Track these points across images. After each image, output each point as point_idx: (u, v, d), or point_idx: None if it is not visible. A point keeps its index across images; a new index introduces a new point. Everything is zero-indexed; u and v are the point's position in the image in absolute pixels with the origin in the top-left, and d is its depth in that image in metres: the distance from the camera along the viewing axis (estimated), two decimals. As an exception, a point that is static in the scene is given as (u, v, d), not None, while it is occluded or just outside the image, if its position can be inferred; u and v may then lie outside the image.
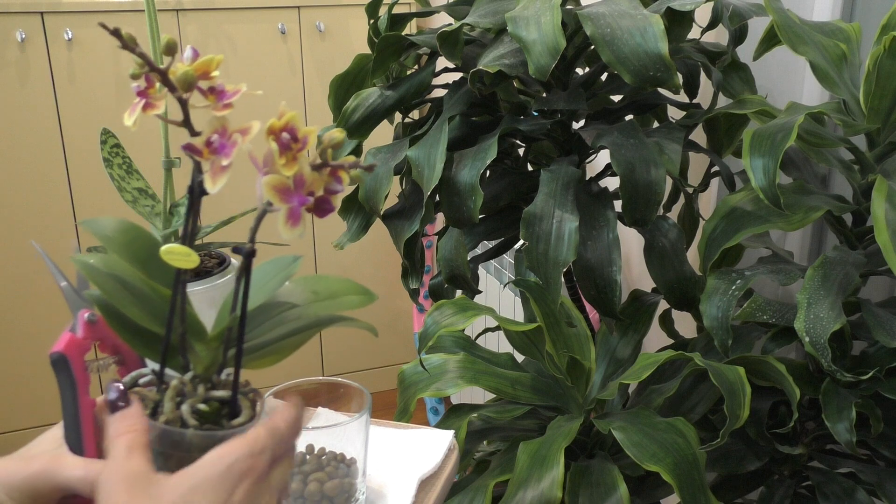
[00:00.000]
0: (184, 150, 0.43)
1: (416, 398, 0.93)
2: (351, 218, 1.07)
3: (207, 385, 0.46)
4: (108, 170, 0.80)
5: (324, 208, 0.43)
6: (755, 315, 0.85)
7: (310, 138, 0.42)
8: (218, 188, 0.41)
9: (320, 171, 0.42)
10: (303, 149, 0.42)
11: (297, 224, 0.42)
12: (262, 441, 0.43)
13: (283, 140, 0.41)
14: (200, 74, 0.44)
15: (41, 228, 2.13)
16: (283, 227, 0.41)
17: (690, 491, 0.75)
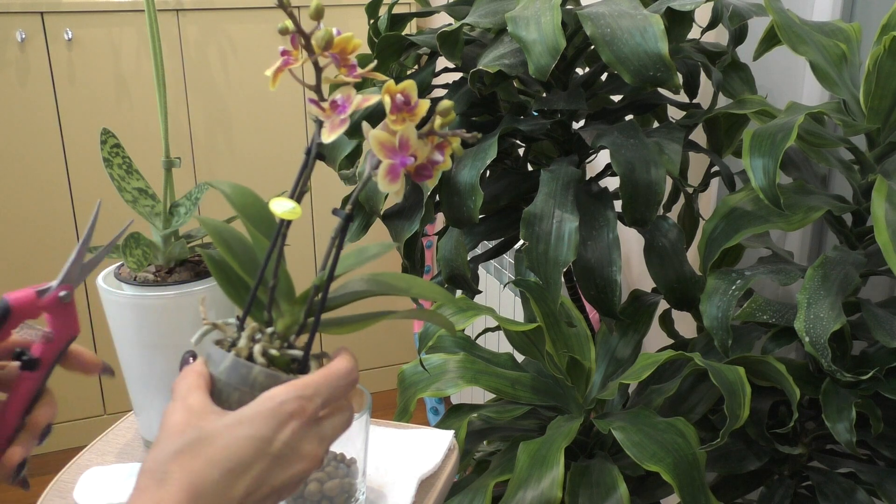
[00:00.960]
0: (310, 102, 0.47)
1: (416, 398, 0.93)
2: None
3: (284, 344, 0.49)
4: (108, 170, 0.80)
5: (422, 174, 0.46)
6: (755, 315, 0.85)
7: (420, 107, 0.45)
8: (332, 139, 0.45)
9: (426, 138, 0.46)
10: (412, 112, 0.45)
11: (395, 180, 0.45)
12: (314, 385, 0.45)
13: (397, 101, 0.45)
14: (339, 47, 0.48)
15: (41, 228, 2.13)
16: (381, 181, 0.45)
17: (690, 491, 0.75)
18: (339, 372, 0.46)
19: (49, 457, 2.32)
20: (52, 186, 2.12)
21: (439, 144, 0.47)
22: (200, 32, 2.15)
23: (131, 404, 0.82)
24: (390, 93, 0.45)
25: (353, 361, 0.47)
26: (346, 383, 0.46)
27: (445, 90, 1.01)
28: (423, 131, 0.46)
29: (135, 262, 0.76)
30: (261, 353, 0.47)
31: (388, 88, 0.45)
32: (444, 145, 0.47)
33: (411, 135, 0.45)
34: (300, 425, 0.44)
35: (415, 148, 0.46)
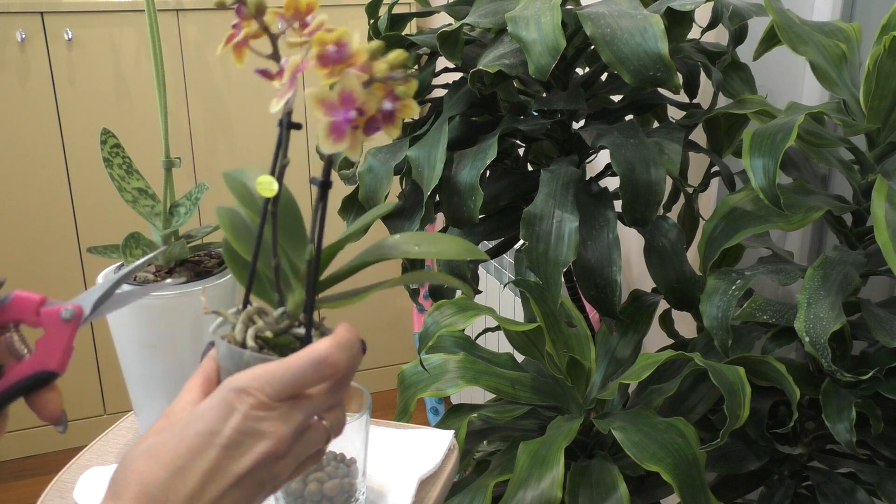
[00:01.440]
0: (257, 72, 0.44)
1: (416, 398, 0.93)
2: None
3: (295, 322, 0.48)
4: (108, 170, 0.80)
5: (372, 126, 0.42)
6: (755, 315, 0.85)
7: (358, 53, 0.41)
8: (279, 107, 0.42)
9: (370, 88, 0.41)
10: (347, 63, 0.41)
11: (340, 139, 0.41)
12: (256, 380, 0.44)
13: (328, 52, 0.41)
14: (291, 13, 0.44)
15: (41, 228, 2.13)
16: (323, 141, 0.41)
17: (690, 491, 0.75)
18: (303, 361, 0.44)
19: (49, 457, 2.32)
20: (52, 186, 2.12)
21: (390, 92, 0.42)
22: (200, 32, 2.15)
23: (131, 404, 0.82)
24: (322, 43, 0.41)
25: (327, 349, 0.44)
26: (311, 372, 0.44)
27: (445, 90, 1.01)
28: (367, 81, 0.41)
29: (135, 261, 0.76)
30: (252, 337, 0.46)
31: (319, 39, 0.41)
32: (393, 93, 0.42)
33: (354, 86, 0.41)
34: (251, 408, 0.43)
35: (361, 100, 0.41)
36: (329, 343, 0.44)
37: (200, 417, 0.43)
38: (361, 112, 0.41)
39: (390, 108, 0.42)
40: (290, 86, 0.42)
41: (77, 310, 0.47)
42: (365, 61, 0.41)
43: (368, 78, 0.41)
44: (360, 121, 0.41)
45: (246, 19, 0.44)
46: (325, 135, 0.41)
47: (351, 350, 0.45)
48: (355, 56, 0.41)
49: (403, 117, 0.43)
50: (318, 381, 0.44)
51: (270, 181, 0.44)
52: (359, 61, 0.41)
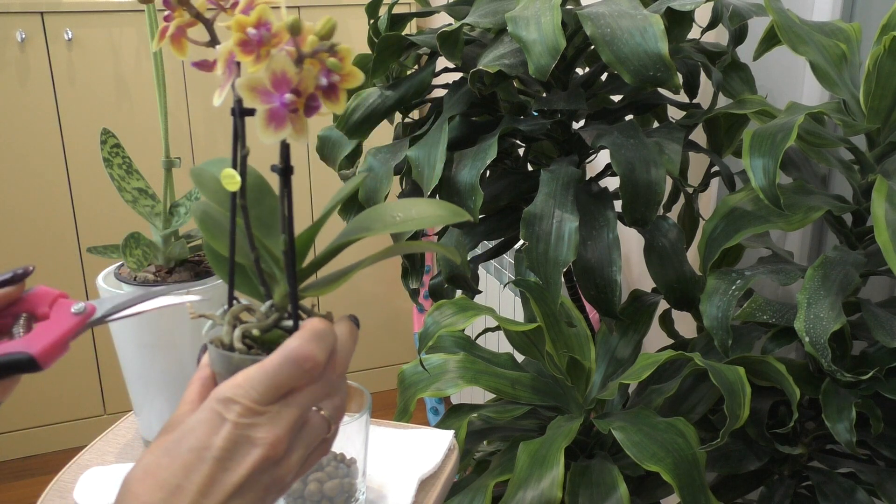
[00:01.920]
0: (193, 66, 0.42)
1: (416, 398, 0.93)
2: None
3: (284, 315, 0.46)
4: (108, 170, 0.80)
5: (312, 106, 0.39)
6: (755, 315, 0.85)
7: (281, 32, 0.38)
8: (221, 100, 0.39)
9: (302, 65, 0.38)
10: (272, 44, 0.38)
11: (281, 126, 0.38)
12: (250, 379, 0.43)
13: (250, 36, 0.38)
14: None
15: (41, 228, 2.13)
16: (262, 131, 0.38)
17: (690, 491, 0.75)
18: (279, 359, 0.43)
19: (49, 457, 2.32)
20: (52, 186, 2.12)
21: (323, 67, 0.39)
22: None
23: (131, 404, 0.82)
24: (242, 27, 0.38)
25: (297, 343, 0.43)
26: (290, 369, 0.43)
27: (445, 90, 1.01)
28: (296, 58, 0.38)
29: (135, 262, 0.76)
30: (239, 339, 0.45)
31: (238, 23, 0.38)
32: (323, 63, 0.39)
33: (284, 66, 0.38)
34: (239, 416, 0.42)
35: (295, 80, 0.38)
36: (298, 336, 0.44)
37: (191, 432, 0.43)
38: (298, 93, 0.38)
39: (328, 83, 0.39)
40: (229, 74, 0.39)
41: (90, 308, 0.46)
42: (290, 38, 0.38)
43: (298, 55, 0.38)
44: (299, 102, 0.39)
45: (175, 9, 0.41)
46: (265, 124, 0.38)
47: (324, 339, 0.44)
48: (279, 35, 0.38)
49: (347, 87, 0.40)
50: (299, 376, 0.44)
51: (233, 174, 0.42)
52: (284, 40, 0.38)
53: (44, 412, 2.27)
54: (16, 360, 0.44)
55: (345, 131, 1.02)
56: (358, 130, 1.02)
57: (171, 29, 0.42)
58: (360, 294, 2.47)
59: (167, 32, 0.42)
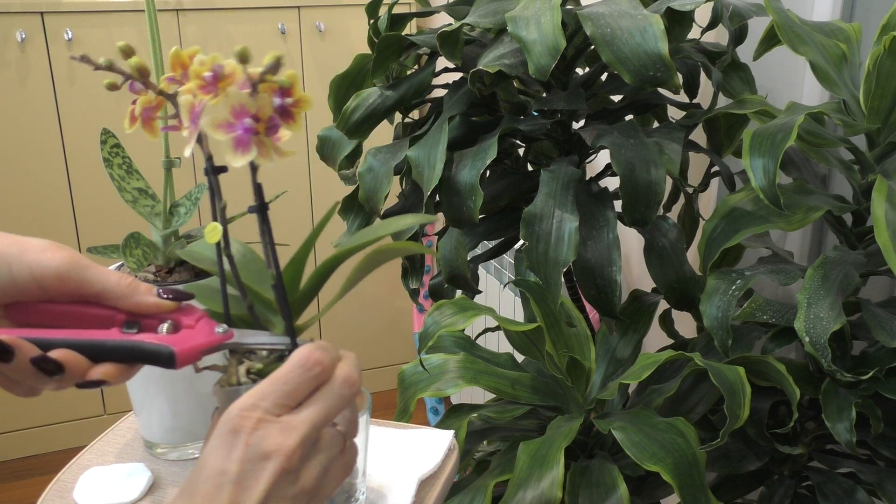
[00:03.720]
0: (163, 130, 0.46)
1: (416, 398, 0.93)
2: (351, 218, 1.07)
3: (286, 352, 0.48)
4: (108, 170, 0.80)
5: (272, 126, 0.43)
6: (755, 315, 0.85)
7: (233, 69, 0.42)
8: (188, 151, 0.42)
9: (255, 94, 0.42)
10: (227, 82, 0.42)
11: (246, 150, 0.42)
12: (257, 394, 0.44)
13: (206, 80, 0.42)
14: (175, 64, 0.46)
15: (41, 228, 2.13)
16: (231, 157, 0.42)
17: (690, 491, 0.75)
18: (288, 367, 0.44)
19: (49, 457, 2.32)
20: (52, 186, 2.12)
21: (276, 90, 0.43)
22: (200, 32, 2.15)
23: (131, 404, 0.82)
24: (198, 75, 0.42)
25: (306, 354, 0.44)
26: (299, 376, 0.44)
27: (445, 90, 1.01)
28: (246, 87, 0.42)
29: (135, 262, 0.76)
30: (245, 374, 0.47)
31: (194, 73, 0.42)
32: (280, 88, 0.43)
33: (240, 98, 0.42)
34: (251, 431, 0.42)
35: (253, 108, 0.42)
36: (307, 346, 0.45)
37: (206, 462, 0.43)
38: (257, 118, 0.42)
39: (281, 103, 0.43)
40: (194, 127, 0.42)
41: (230, 333, 0.48)
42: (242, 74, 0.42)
43: (252, 85, 0.42)
44: (260, 126, 0.42)
45: (141, 93, 0.46)
46: (232, 150, 0.42)
47: (328, 348, 0.45)
48: (231, 74, 0.42)
49: (300, 110, 0.44)
50: (307, 380, 0.44)
51: (215, 226, 0.44)
52: (238, 76, 0.42)
53: (44, 412, 2.27)
54: (158, 351, 0.46)
55: (345, 131, 1.02)
56: (358, 130, 1.02)
57: (138, 109, 0.45)
58: (361, 294, 2.47)
59: (136, 112, 0.45)
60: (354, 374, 0.47)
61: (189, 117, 0.43)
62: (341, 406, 0.46)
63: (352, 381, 0.47)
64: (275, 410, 0.43)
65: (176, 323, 0.48)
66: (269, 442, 0.42)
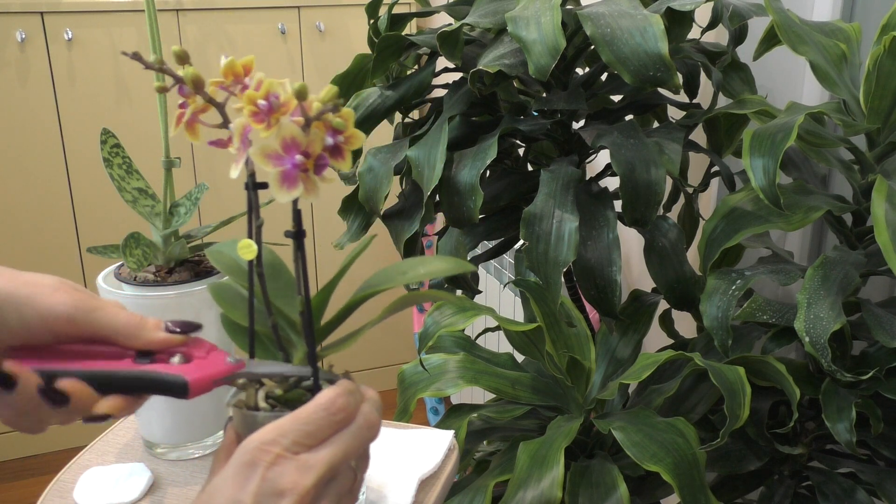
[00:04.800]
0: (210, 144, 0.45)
1: (416, 398, 0.93)
2: (351, 218, 1.07)
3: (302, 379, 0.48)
4: (108, 170, 0.80)
5: (321, 165, 0.42)
6: (755, 315, 0.85)
7: (288, 100, 0.42)
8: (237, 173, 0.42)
9: (309, 128, 0.42)
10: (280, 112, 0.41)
11: (293, 186, 0.41)
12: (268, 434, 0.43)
13: (260, 108, 0.41)
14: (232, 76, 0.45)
15: (41, 228, 2.13)
16: (277, 191, 0.41)
17: (690, 491, 0.75)
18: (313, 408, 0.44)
19: (49, 457, 2.32)
20: (52, 186, 2.12)
21: (330, 127, 0.42)
22: (200, 32, 2.15)
23: (131, 404, 0.82)
24: (252, 101, 0.41)
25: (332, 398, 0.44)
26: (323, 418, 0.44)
27: (445, 90, 1.01)
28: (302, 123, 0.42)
29: (135, 262, 0.76)
30: (263, 399, 0.46)
31: (248, 98, 0.41)
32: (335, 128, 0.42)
33: (292, 131, 0.41)
34: (268, 466, 0.42)
35: (304, 143, 0.41)
36: (331, 389, 0.45)
37: (219, 492, 0.42)
38: (307, 154, 0.42)
39: (333, 143, 0.43)
40: (244, 149, 0.42)
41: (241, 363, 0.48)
42: (297, 105, 0.41)
43: (305, 120, 0.42)
44: (309, 163, 0.42)
45: (189, 97, 0.45)
46: (278, 185, 0.41)
47: (354, 393, 0.46)
48: (286, 104, 0.42)
49: (351, 147, 0.43)
50: (330, 424, 0.44)
51: (249, 244, 0.44)
52: (292, 107, 0.42)
53: (44, 412, 2.27)
54: (171, 381, 0.46)
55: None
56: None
57: (188, 115, 0.45)
58: (360, 294, 2.46)
59: (183, 119, 0.45)
60: (376, 417, 0.47)
61: (240, 139, 0.42)
62: (360, 448, 0.46)
63: (372, 425, 0.47)
64: (294, 448, 0.43)
65: (186, 355, 0.48)
66: (285, 479, 0.42)
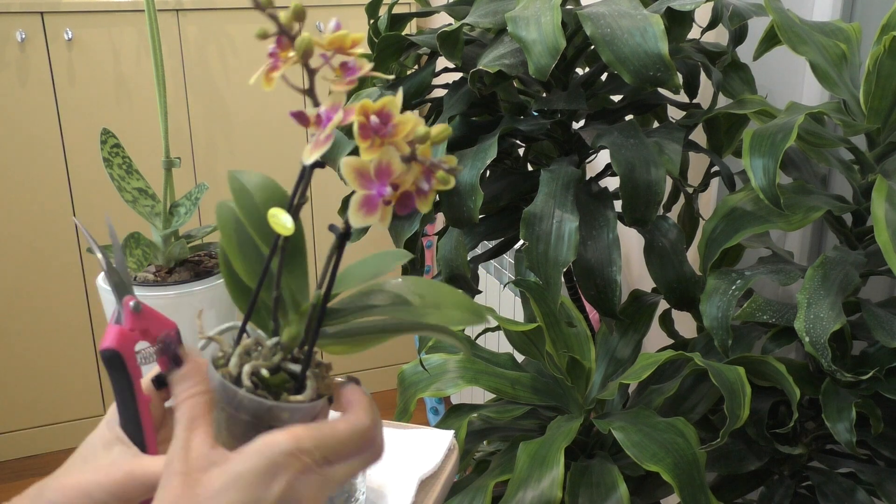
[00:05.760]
0: (291, 116, 0.42)
1: (416, 398, 0.93)
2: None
3: (287, 356, 0.47)
4: (108, 170, 0.80)
5: (405, 204, 0.41)
6: (755, 315, 0.85)
7: (401, 127, 0.40)
8: (313, 159, 0.40)
9: (409, 164, 0.40)
10: (390, 136, 0.40)
11: (371, 213, 0.40)
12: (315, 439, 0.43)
13: (372, 123, 0.40)
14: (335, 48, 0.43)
15: (41, 228, 2.13)
16: (354, 214, 0.40)
17: (690, 491, 0.75)
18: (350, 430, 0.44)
19: (49, 457, 2.32)
20: (52, 186, 2.12)
21: (427, 171, 0.41)
22: (200, 32, 2.15)
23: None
24: (365, 113, 0.39)
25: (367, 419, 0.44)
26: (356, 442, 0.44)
27: (445, 90, 1.01)
28: (406, 157, 0.40)
29: (135, 262, 0.76)
30: (248, 375, 0.45)
31: (362, 107, 0.40)
32: (431, 172, 0.41)
33: (392, 160, 0.40)
34: (295, 477, 0.42)
35: (397, 174, 0.40)
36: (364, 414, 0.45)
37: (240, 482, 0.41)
38: (396, 187, 0.40)
39: (426, 189, 0.41)
40: (327, 140, 0.40)
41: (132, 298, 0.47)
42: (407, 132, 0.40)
43: (409, 154, 0.40)
44: (394, 196, 0.40)
45: (284, 49, 0.42)
46: (357, 208, 0.40)
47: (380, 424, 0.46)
48: (398, 128, 0.40)
49: (438, 189, 0.42)
50: (357, 450, 0.44)
51: (286, 219, 0.42)
52: (401, 133, 0.40)
53: (44, 412, 2.27)
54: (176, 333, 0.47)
55: (345, 131, 1.02)
56: (358, 130, 1.02)
57: (281, 71, 0.42)
58: (360, 294, 2.46)
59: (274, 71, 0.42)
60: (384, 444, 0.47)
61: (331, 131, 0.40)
62: (367, 467, 0.46)
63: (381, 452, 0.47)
64: (321, 462, 0.43)
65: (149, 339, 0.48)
66: (308, 491, 0.42)
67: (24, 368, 2.20)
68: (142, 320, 0.47)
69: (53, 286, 2.16)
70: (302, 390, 0.46)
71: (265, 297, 0.47)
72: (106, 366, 0.46)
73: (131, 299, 0.47)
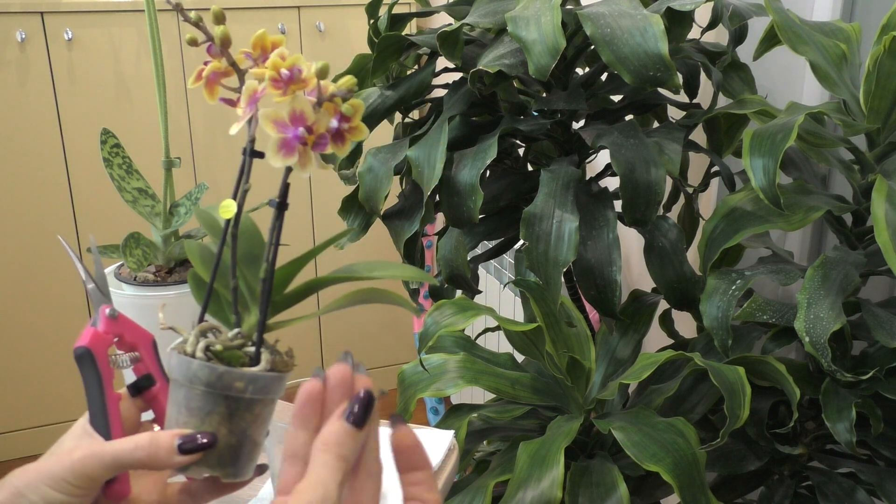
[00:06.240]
0: (221, 102, 0.47)
1: (416, 398, 0.93)
2: (351, 218, 1.07)
3: (248, 343, 0.49)
4: (108, 170, 0.80)
5: (321, 143, 0.45)
6: (755, 315, 0.85)
7: (309, 75, 0.44)
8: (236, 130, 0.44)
9: (318, 108, 0.44)
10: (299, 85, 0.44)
11: (289, 154, 0.43)
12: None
13: (282, 75, 0.44)
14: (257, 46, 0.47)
15: (41, 228, 2.13)
16: (272, 156, 0.43)
17: (690, 491, 0.75)
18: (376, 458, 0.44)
19: (49, 457, 2.32)
20: (52, 186, 2.12)
21: (339, 112, 0.45)
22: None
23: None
24: (276, 68, 0.44)
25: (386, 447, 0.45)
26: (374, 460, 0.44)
27: (445, 90, 1.01)
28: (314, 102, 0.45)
29: (135, 262, 0.76)
30: (203, 350, 0.47)
31: (273, 63, 0.44)
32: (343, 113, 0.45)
33: (304, 106, 0.44)
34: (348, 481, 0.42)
35: (311, 119, 0.44)
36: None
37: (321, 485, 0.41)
38: (311, 130, 0.44)
39: (337, 127, 0.45)
40: (249, 110, 0.44)
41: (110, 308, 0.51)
42: (315, 86, 0.44)
43: (318, 99, 0.44)
44: (310, 138, 0.44)
45: (217, 57, 0.47)
46: (275, 150, 0.44)
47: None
48: (307, 80, 0.44)
49: (353, 138, 0.46)
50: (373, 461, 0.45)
51: (231, 204, 0.46)
52: (310, 86, 0.44)
53: (44, 412, 2.27)
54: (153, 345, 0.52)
55: (345, 131, 1.02)
56: (358, 130, 1.02)
57: (207, 71, 0.47)
58: (360, 294, 2.46)
59: (203, 73, 0.47)
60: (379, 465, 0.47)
61: (248, 100, 0.45)
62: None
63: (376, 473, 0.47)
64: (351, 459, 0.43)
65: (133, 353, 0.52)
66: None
67: (24, 368, 2.20)
68: (117, 326, 0.51)
69: (53, 286, 2.16)
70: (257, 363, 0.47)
71: (226, 293, 0.50)
72: (77, 363, 0.50)
73: (107, 307, 0.51)
